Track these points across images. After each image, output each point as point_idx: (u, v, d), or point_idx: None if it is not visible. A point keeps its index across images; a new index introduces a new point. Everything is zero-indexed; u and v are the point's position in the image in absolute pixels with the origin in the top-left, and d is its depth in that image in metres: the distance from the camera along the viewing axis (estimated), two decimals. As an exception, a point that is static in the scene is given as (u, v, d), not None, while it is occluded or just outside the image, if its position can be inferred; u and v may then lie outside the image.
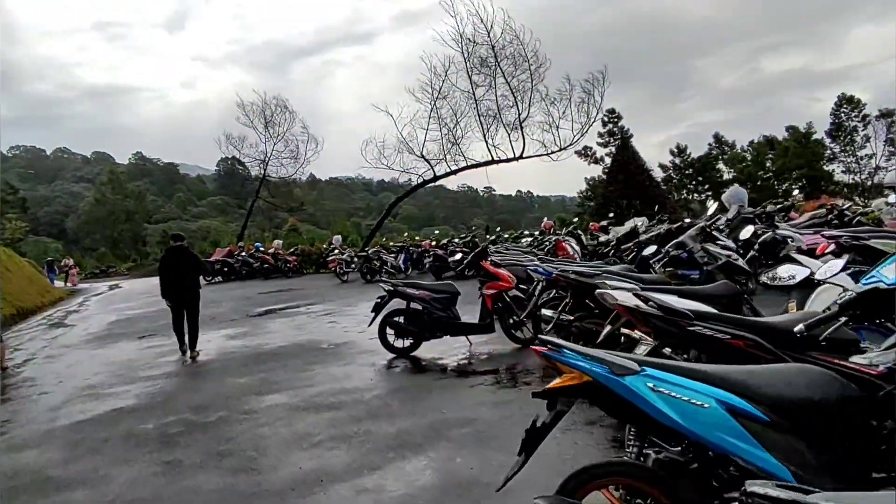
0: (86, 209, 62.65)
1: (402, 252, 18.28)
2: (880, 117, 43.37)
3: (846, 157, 45.16)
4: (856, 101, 44.38)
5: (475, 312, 6.90)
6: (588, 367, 1.98)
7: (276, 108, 28.89)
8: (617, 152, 30.07)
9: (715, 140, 47.50)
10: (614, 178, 29.66)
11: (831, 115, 45.01)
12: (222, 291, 18.55)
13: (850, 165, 45.20)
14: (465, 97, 19.43)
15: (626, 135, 28.88)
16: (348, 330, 9.32)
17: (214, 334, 10.18)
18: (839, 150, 44.93)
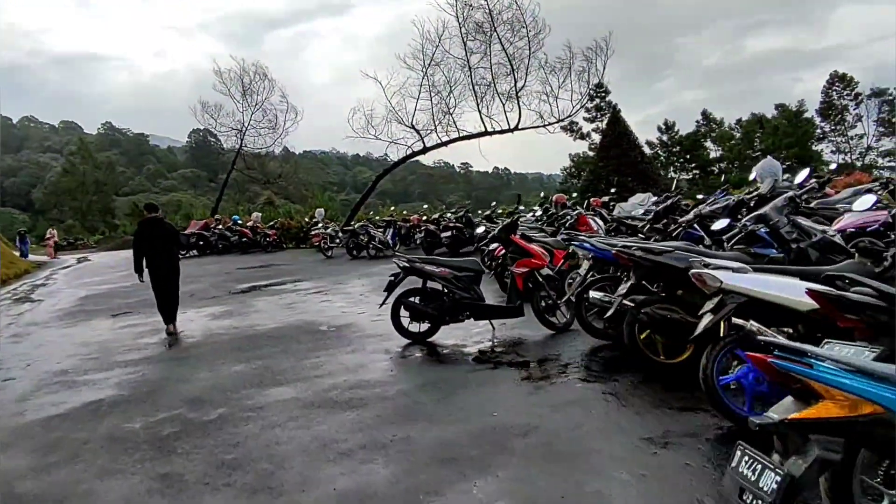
0: (53, 180, 59.63)
1: (390, 227, 17.41)
2: (872, 96, 43.02)
3: (836, 137, 44.98)
4: (848, 79, 43.96)
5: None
6: (883, 393, 1.27)
7: (255, 76, 27.44)
8: (608, 127, 29.39)
9: (703, 117, 47.13)
10: (606, 154, 29.11)
11: (822, 94, 44.53)
12: (199, 266, 17.45)
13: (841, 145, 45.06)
14: (458, 64, 18.46)
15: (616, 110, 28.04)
16: (346, 310, 8.53)
17: (196, 313, 9.27)
18: (829, 129, 44.69)
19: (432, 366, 5.28)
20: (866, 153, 44.39)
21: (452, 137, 18.89)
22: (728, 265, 3.50)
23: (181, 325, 8.15)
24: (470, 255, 15.41)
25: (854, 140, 44.20)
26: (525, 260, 5.96)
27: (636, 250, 4.55)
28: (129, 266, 8.94)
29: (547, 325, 6.04)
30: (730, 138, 46.19)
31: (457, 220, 15.92)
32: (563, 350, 5.36)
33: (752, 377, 3.32)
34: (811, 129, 43.87)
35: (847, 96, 44.01)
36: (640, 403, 3.85)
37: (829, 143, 44.89)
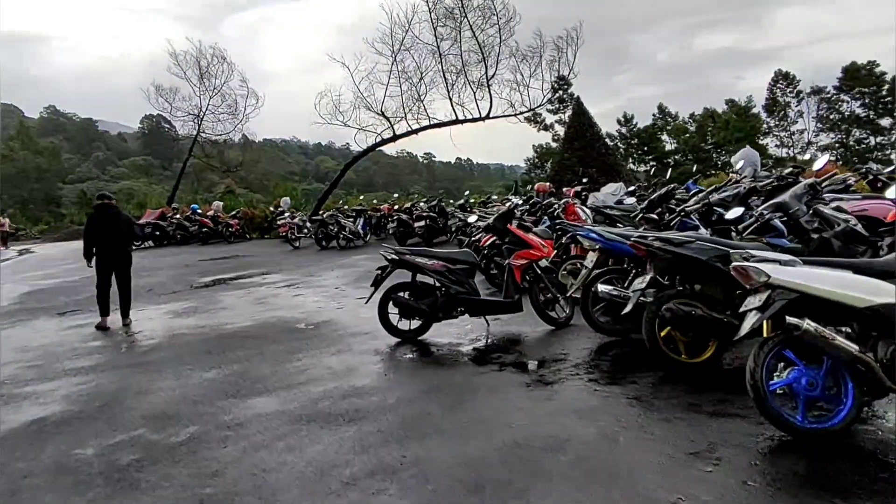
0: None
1: (361, 216, 16.75)
2: (812, 94, 45.34)
3: (780, 132, 47.22)
4: (791, 77, 46.07)
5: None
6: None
7: (213, 59, 26.06)
8: (573, 119, 29.31)
9: (659, 111, 48.18)
10: (571, 146, 29.06)
11: (767, 91, 46.65)
12: (156, 258, 16.40)
13: (784, 140, 47.28)
14: (429, 51, 17.83)
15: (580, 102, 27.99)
16: (322, 306, 7.96)
17: (156, 310, 8.51)
18: (774, 124, 46.91)
19: (430, 368, 4.80)
20: (807, 148, 46.45)
21: (423, 125, 18.34)
22: (775, 257, 3.15)
23: (138, 325, 7.43)
24: (444, 245, 14.99)
25: (795, 135, 46.30)
26: (524, 251, 5.54)
27: (655, 241, 4.18)
28: (79, 258, 8.18)
29: (546, 321, 5.66)
30: (684, 131, 47.44)
31: (430, 210, 15.43)
32: (569, 348, 4.98)
33: (804, 381, 2.99)
34: (758, 124, 45.63)
35: (790, 93, 45.95)
36: (669, 408, 3.49)
37: (773, 137, 46.79)
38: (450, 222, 14.89)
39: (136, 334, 6.95)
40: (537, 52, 17.41)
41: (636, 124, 46.15)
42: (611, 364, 4.54)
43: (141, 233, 19.93)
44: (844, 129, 44.80)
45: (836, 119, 44.54)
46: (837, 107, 44.56)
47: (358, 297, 8.31)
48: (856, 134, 44.71)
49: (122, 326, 7.36)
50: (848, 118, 44.22)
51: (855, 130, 44.66)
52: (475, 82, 17.82)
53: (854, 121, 44.06)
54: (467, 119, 18.19)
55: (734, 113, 44.83)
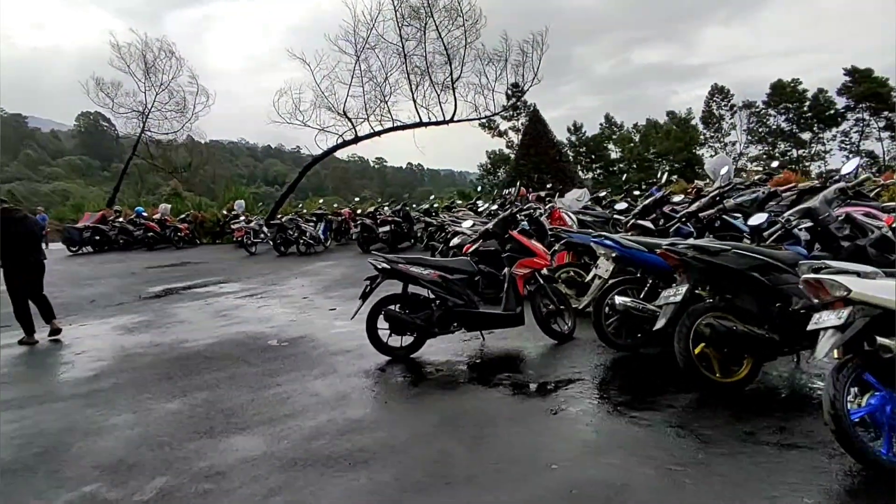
0: None
1: (321, 221, 15.96)
2: (743, 108, 47.94)
3: (715, 143, 49.70)
4: (725, 91, 48.51)
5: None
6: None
7: (160, 53, 24.50)
8: (529, 125, 29.44)
9: (606, 121, 49.58)
10: (526, 152, 29.15)
11: (704, 104, 49.10)
12: (97, 265, 15.06)
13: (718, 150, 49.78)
14: (393, 51, 17.25)
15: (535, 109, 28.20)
16: (293, 319, 7.26)
17: (101, 325, 7.58)
18: (710, 135, 49.37)
19: (434, 393, 4.25)
20: (739, 158, 49.22)
21: (387, 127, 17.69)
22: (854, 268, 2.81)
23: (81, 343, 6.56)
24: (408, 250, 14.43)
25: (728, 146, 48.89)
26: (527, 259, 5.08)
27: (689, 250, 3.81)
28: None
29: (549, 334, 5.22)
30: (629, 141, 48.97)
31: (395, 215, 14.84)
32: (582, 366, 4.55)
33: (889, 410, 2.65)
34: (696, 135, 47.89)
35: (724, 106, 48.46)
36: (724, 440, 3.09)
37: (709, 147, 49.23)
38: (415, 227, 14.36)
39: (79, 355, 6.06)
40: (502, 56, 17.12)
41: (585, 133, 47.20)
42: (635, 384, 4.13)
43: (78, 238, 18.42)
44: (771, 142, 47.52)
45: (764, 132, 47.20)
46: (765, 120, 47.23)
47: (330, 308, 7.69)
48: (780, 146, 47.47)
49: (49, 338, 6.74)
50: (774, 131, 46.98)
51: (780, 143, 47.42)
52: (440, 84, 17.39)
53: (779, 134, 46.80)
54: (431, 122, 17.72)
55: (675, 124, 46.70)
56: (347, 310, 7.45)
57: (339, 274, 11.06)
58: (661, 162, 44.84)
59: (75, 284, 11.56)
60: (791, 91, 44.64)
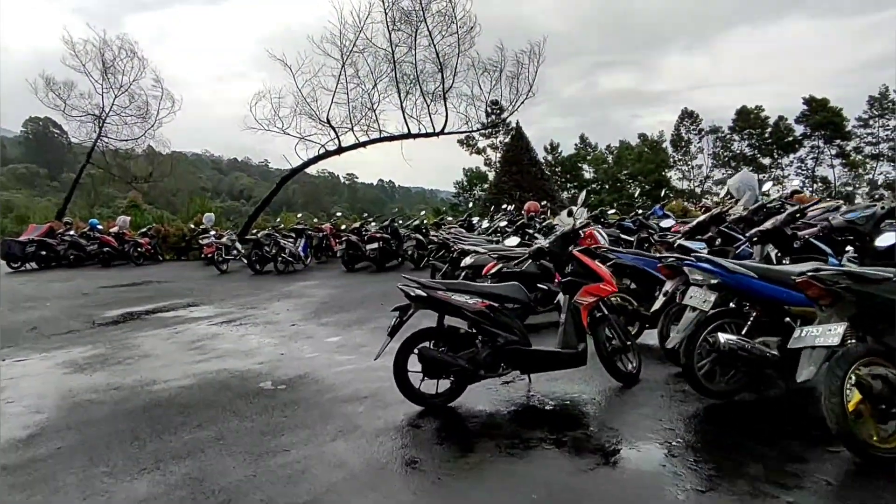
0: None
1: (301, 237, 14.75)
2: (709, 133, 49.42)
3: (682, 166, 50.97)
4: (695, 115, 49.91)
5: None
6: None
7: (120, 52, 22.78)
8: (511, 142, 28.99)
9: (580, 141, 50.07)
10: (508, 169, 28.66)
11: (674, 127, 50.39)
12: (42, 283, 13.41)
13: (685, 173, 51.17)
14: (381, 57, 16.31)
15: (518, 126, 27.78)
16: (284, 352, 6.11)
17: (43, 361, 6.26)
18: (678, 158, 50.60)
19: (498, 462, 3.23)
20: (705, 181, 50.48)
21: (373, 138, 16.67)
22: None
23: (14, 386, 5.25)
24: (397, 269, 13.37)
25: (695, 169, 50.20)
26: (593, 286, 4.15)
27: (840, 277, 2.96)
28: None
29: (614, 375, 4.29)
30: (603, 161, 49.57)
31: (382, 231, 13.79)
32: (670, 419, 3.62)
33: None
34: (667, 158, 48.97)
35: (693, 131, 49.78)
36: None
37: (677, 170, 50.37)
38: (405, 245, 13.35)
39: (10, 404, 4.77)
40: (497, 66, 16.42)
41: (561, 152, 47.44)
42: (756, 447, 3.22)
43: (21, 252, 16.60)
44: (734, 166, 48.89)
45: (728, 156, 48.59)
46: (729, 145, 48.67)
47: (328, 339, 6.58)
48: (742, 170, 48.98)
49: None
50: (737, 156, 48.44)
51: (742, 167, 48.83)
52: (430, 94, 16.52)
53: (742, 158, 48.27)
54: (421, 133, 16.79)
55: (647, 147, 47.62)
56: (348, 340, 6.41)
57: (326, 296, 9.91)
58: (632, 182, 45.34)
59: (13, 307, 10.02)
60: (755, 117, 46.04)
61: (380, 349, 4.04)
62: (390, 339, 4.03)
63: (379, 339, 6.30)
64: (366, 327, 7.07)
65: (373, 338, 6.42)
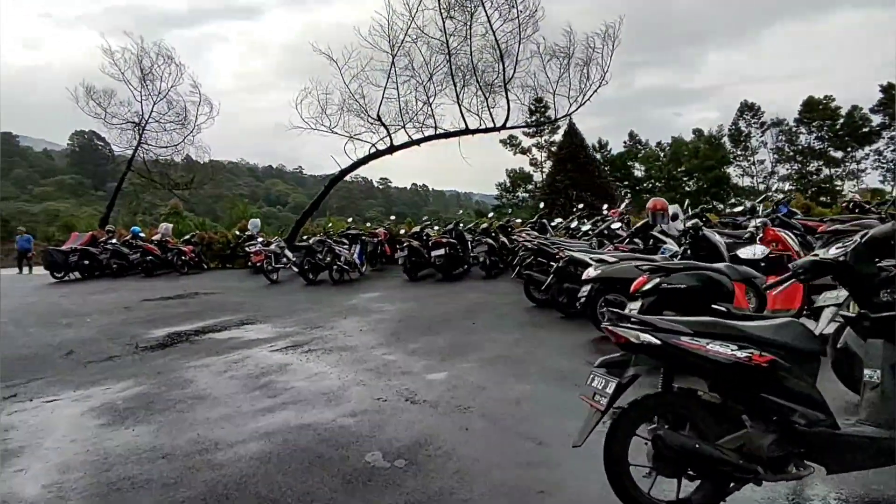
0: None
1: (356, 243, 13.39)
2: (772, 126, 45.97)
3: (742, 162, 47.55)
4: (756, 108, 46.61)
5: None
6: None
7: (158, 59, 22.07)
8: (565, 140, 27.17)
9: (629, 138, 47.46)
10: (563, 168, 26.86)
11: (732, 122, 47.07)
12: (83, 295, 12.40)
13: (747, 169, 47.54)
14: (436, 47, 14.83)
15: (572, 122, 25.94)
16: (381, 395, 4.62)
17: (76, 404, 4.95)
18: (738, 154, 47.20)
19: None
20: (770, 177, 47.01)
21: (427, 135, 15.24)
22: None
23: (33, 440, 3.91)
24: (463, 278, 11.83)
25: (757, 165, 46.82)
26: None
27: None
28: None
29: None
30: (656, 159, 46.89)
31: (447, 234, 12.32)
32: None
33: None
34: (727, 154, 45.81)
35: (755, 124, 46.46)
36: None
37: (736, 166, 47.07)
38: (475, 251, 11.79)
39: (18, 473, 3.43)
40: (566, 52, 14.71)
41: (610, 150, 45.01)
42: None
43: (63, 262, 15.78)
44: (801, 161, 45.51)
45: (793, 151, 45.20)
46: (794, 139, 45.25)
47: (431, 376, 5.06)
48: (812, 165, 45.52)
49: None
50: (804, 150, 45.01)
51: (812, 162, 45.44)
52: (488, 86, 14.96)
53: (810, 152, 44.85)
54: (479, 129, 15.27)
55: (704, 142, 44.66)
56: (459, 379, 4.79)
57: (399, 312, 8.45)
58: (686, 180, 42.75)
59: (48, 324, 8.91)
60: (824, 108, 42.78)
61: (582, 431, 2.48)
62: (601, 416, 2.46)
63: (497, 376, 4.78)
64: (471, 358, 5.54)
65: (489, 375, 4.91)
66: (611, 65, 14.63)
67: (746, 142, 46.43)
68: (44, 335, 8.16)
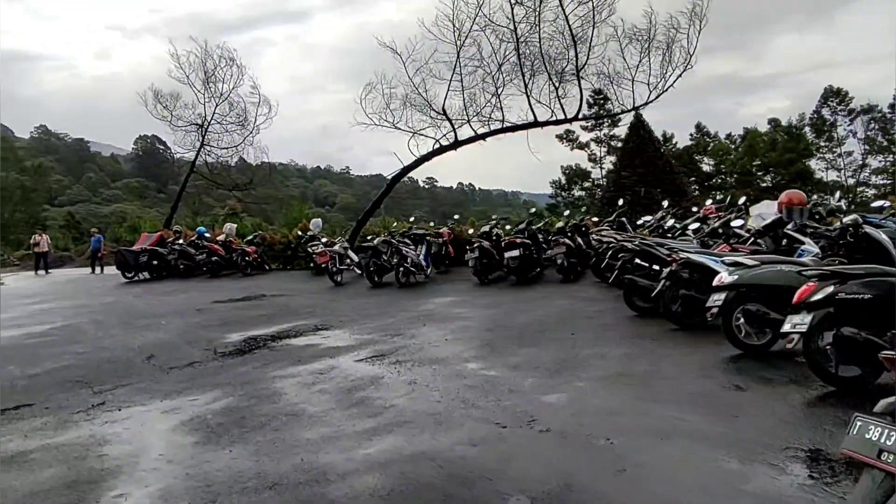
0: (-30, 185, 51.72)
1: (421, 243, 12.96)
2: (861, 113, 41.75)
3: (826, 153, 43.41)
4: (843, 93, 42.75)
5: None
6: None
7: (220, 61, 22.50)
8: (632, 133, 25.97)
9: (696, 130, 44.83)
10: (630, 163, 25.70)
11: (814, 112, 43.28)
12: (155, 296, 12.51)
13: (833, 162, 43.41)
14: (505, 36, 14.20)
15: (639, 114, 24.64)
16: (499, 419, 4.09)
17: (165, 417, 4.65)
18: (822, 145, 43.09)
19: None
20: (860, 170, 43.14)
21: (494, 129, 14.66)
22: None
23: (118, 459, 3.58)
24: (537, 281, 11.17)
25: (844, 157, 43.02)
26: None
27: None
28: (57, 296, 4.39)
29: None
30: (727, 152, 44.04)
31: (520, 234, 11.72)
32: None
33: None
34: (809, 145, 42.36)
35: (841, 112, 42.72)
36: None
37: (820, 159, 43.42)
38: (552, 252, 11.11)
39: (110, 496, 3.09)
40: (646, 35, 13.80)
41: (675, 143, 42.69)
42: None
43: (134, 262, 16.11)
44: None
45: (887, 140, 41.28)
46: (889, 127, 41.23)
47: (547, 398, 4.50)
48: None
49: None
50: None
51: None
52: (558, 75, 14.23)
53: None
54: (550, 121, 14.57)
55: (783, 133, 41.34)
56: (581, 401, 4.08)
57: (482, 318, 7.94)
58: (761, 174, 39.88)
59: (128, 326, 8.88)
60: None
61: (863, 500, 1.87)
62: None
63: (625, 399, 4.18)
64: (584, 376, 4.94)
65: (614, 398, 4.32)
66: (697, 47, 13.53)
67: (831, 131, 42.60)
68: (124, 337, 8.09)
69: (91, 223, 38.33)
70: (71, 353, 7.29)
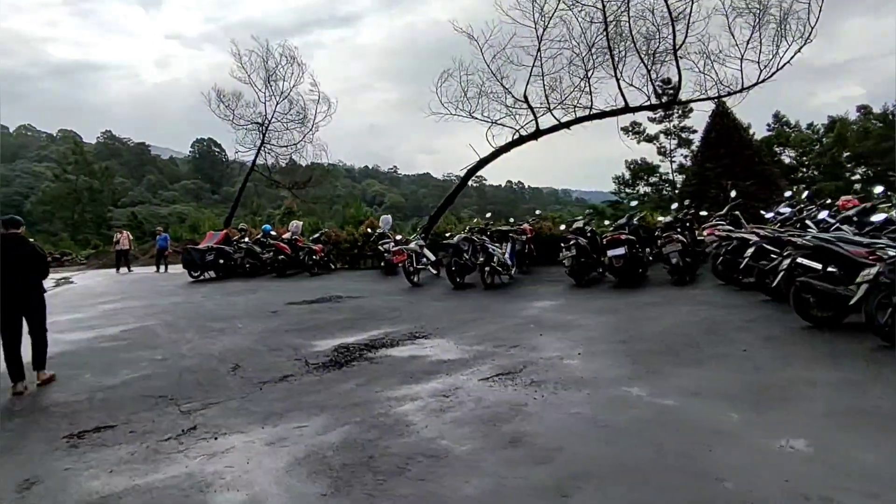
0: (44, 188, 54.31)
1: (506, 241, 11.90)
2: None
3: None
4: None
5: None
6: None
7: (281, 59, 22.20)
8: (714, 122, 24.01)
9: (774, 119, 41.61)
10: (714, 153, 23.78)
11: None
12: (224, 296, 11.96)
13: None
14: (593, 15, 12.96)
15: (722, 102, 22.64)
16: (691, 460, 3.01)
17: (272, 450, 3.76)
18: None
19: None
20: None
21: (579, 116, 13.45)
22: None
23: None
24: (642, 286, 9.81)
25: None
26: None
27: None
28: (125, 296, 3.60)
29: None
30: (811, 142, 40.72)
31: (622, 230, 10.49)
32: None
33: None
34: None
35: None
36: None
37: None
38: (666, 250, 9.77)
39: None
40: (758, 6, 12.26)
41: (753, 134, 39.86)
42: None
43: (200, 261, 15.76)
44: None
45: None
46: None
47: (762, 440, 3.33)
48: None
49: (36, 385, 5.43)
50: None
51: None
52: (650, 55, 12.89)
53: None
54: (643, 106, 13.29)
55: (878, 121, 37.72)
56: (821, 446, 3.08)
57: (606, 327, 6.81)
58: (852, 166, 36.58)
59: (202, 329, 8.21)
60: None
61: None
62: None
63: (877, 447, 2.88)
64: (795, 410, 3.75)
65: (861, 444, 3.12)
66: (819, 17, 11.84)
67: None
68: (201, 342, 7.40)
69: (152, 223, 39.23)
70: (147, 359, 6.62)
